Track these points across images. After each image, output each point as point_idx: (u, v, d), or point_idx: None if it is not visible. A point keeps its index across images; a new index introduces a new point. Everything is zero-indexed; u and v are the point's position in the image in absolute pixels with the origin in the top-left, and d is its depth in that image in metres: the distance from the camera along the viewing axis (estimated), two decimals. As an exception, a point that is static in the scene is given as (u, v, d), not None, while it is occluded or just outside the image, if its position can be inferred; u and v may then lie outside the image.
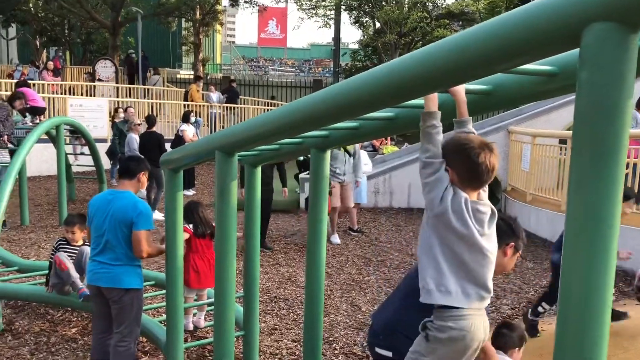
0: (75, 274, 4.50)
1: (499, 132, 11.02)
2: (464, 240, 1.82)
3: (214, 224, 3.70)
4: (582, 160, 1.13)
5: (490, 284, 1.86)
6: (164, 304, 4.20)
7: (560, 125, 11.10)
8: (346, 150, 8.24)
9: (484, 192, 1.94)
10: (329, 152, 2.91)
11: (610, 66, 1.08)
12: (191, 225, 4.68)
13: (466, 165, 1.83)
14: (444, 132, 1.90)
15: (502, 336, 2.81)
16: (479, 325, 1.82)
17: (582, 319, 1.14)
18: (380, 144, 15.51)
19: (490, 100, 1.88)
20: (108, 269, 3.66)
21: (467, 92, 1.87)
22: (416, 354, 1.90)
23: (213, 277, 4.52)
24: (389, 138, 15.68)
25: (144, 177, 3.91)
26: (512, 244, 2.48)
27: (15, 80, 13.22)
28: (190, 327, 4.77)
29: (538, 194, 9.27)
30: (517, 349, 2.80)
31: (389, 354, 2.31)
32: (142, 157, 4.20)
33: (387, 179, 11.06)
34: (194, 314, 4.86)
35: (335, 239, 8.28)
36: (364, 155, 9.00)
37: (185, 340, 4.36)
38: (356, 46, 32.68)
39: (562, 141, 9.26)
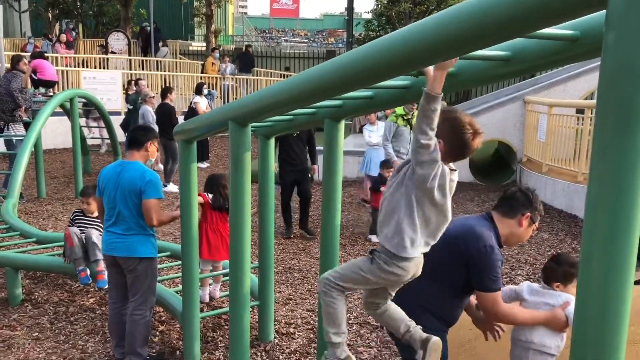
0: (79, 253, 4.55)
1: (515, 102, 10.86)
2: (437, 207, 2.04)
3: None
4: (607, 125, 1.09)
5: (437, 236, 2.12)
6: (180, 274, 4.24)
7: (577, 95, 10.91)
8: (410, 125, 7.36)
9: None
10: (342, 123, 2.88)
11: (639, 28, 1.04)
12: (210, 196, 4.69)
13: (458, 143, 2.01)
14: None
15: (547, 269, 2.77)
16: (418, 265, 2.10)
17: (604, 287, 1.12)
18: (386, 117, 15.40)
19: (510, 66, 1.82)
20: (122, 239, 3.71)
21: (485, 58, 1.82)
22: (357, 268, 2.12)
23: (225, 250, 4.62)
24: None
25: (152, 147, 3.89)
26: (528, 214, 2.54)
27: (28, 53, 13.24)
28: (207, 299, 4.82)
29: (554, 165, 9.17)
30: (559, 283, 2.71)
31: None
32: (150, 126, 4.19)
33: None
34: (210, 285, 4.91)
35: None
36: (380, 127, 8.94)
37: (201, 310, 4.41)
38: (369, 16, 32.15)
39: (579, 111, 9.11)
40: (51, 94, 9.75)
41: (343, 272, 2.15)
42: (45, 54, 12.19)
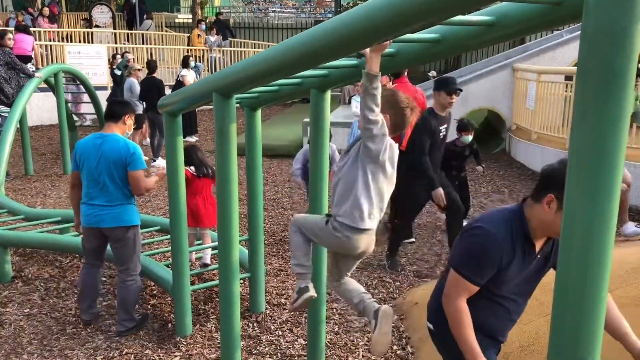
0: None
1: (504, 70, 10.82)
2: (388, 178, 2.21)
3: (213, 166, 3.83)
4: (588, 89, 1.08)
5: (381, 212, 2.26)
6: (169, 248, 4.25)
7: (565, 62, 10.88)
8: None
9: None
10: (329, 93, 2.86)
11: (619, -12, 1.02)
12: (192, 168, 4.72)
13: (399, 119, 2.19)
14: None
15: None
16: (364, 240, 2.25)
17: (585, 249, 1.13)
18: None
19: (494, 31, 1.80)
20: (108, 210, 3.81)
21: (470, 23, 1.80)
22: (314, 222, 2.33)
23: (210, 216, 4.75)
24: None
25: (129, 120, 3.98)
26: (551, 196, 1.98)
27: (11, 28, 12.95)
28: (193, 257, 4.91)
29: (543, 133, 9.19)
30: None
31: (431, 326, 2.38)
32: (127, 100, 4.28)
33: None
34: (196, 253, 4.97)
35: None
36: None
37: (192, 283, 4.43)
38: (358, -15, 31.67)
39: (568, 78, 9.10)
40: (33, 69, 9.57)
41: (306, 220, 2.39)
42: (30, 28, 11.97)
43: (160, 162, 9.29)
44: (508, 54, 12.83)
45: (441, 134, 5.02)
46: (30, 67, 10.15)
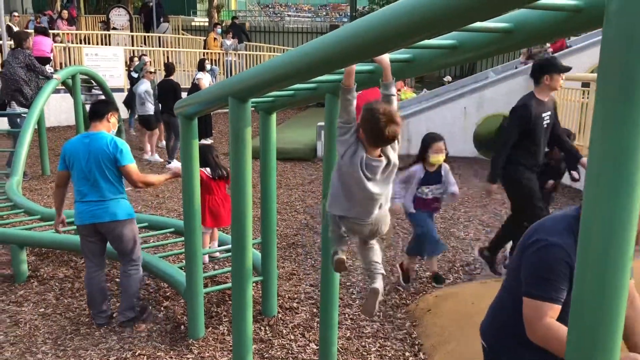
0: None
1: (521, 76, 10.73)
2: (355, 180, 2.34)
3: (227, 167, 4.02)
4: (608, 96, 1.07)
5: (373, 209, 2.41)
6: (183, 250, 4.27)
7: (582, 69, 10.78)
8: None
9: (391, 147, 2.39)
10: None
11: (641, -5, 1.01)
12: (208, 169, 4.79)
13: (373, 131, 2.26)
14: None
15: None
16: (362, 229, 2.45)
17: (604, 256, 1.11)
18: (398, 90, 15.26)
19: (512, 38, 1.79)
20: (101, 205, 3.95)
21: (487, 30, 1.79)
22: (327, 217, 2.57)
23: (226, 215, 4.98)
24: (406, 84, 15.40)
25: (113, 118, 4.14)
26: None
27: (31, 31, 13.13)
28: (206, 260, 5.05)
29: (559, 139, 9.10)
30: None
31: (485, 345, 2.31)
32: (111, 99, 4.46)
33: (404, 125, 10.92)
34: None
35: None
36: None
37: (205, 286, 4.45)
38: (374, -11, 31.69)
39: (585, 84, 9.01)
40: (52, 70, 9.68)
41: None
42: (49, 31, 12.13)
43: (176, 164, 9.35)
44: (525, 60, 12.74)
45: (545, 122, 4.56)
46: (48, 68, 10.26)
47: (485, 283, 4.69)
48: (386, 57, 2.21)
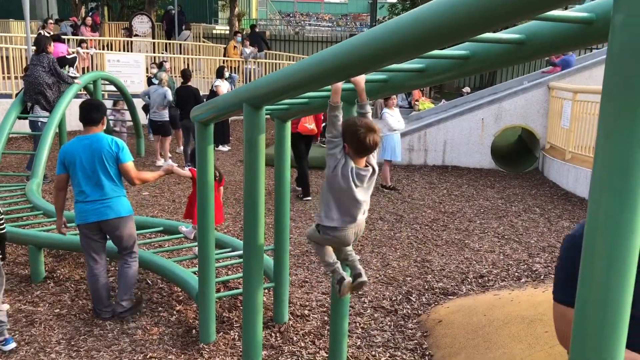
0: None
1: (539, 89, 10.68)
2: (344, 191, 2.58)
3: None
4: (612, 107, 1.08)
5: (358, 215, 2.67)
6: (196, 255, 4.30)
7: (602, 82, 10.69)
8: None
9: (372, 156, 2.64)
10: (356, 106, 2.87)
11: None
12: None
13: (356, 142, 2.50)
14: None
15: None
16: (348, 233, 2.69)
17: (607, 270, 1.11)
18: (416, 101, 15.25)
19: (524, 50, 1.80)
20: (106, 203, 4.17)
21: (499, 41, 1.80)
22: (314, 234, 2.76)
23: (219, 215, 5.14)
24: (424, 94, 15.39)
25: (104, 119, 4.35)
26: None
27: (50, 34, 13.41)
28: (190, 237, 5.30)
29: (577, 152, 9.02)
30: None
31: None
32: (100, 103, 4.60)
33: (422, 135, 10.91)
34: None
35: None
36: (396, 113, 8.91)
37: (218, 291, 4.48)
38: None
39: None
40: (74, 71, 9.85)
41: (309, 232, 2.83)
42: (65, 37, 12.45)
43: (169, 162, 9.48)
44: (544, 73, 12.67)
45: None
46: (72, 71, 10.48)
47: (497, 295, 4.65)
48: (362, 80, 2.46)
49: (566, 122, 9.29)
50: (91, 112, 4.29)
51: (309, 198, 8.22)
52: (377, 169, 2.68)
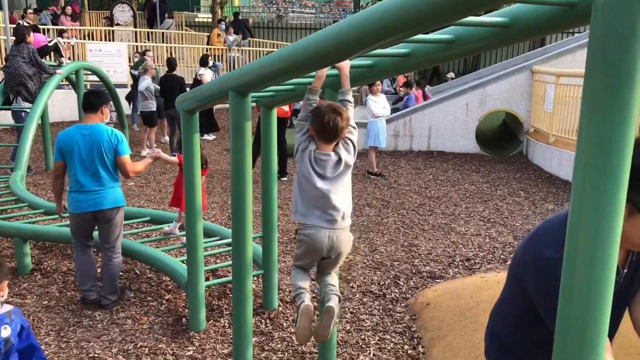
0: None
1: (522, 73, 10.75)
2: (308, 180, 2.46)
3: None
4: (595, 89, 1.09)
5: (329, 212, 2.45)
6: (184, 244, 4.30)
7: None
8: None
9: (343, 147, 2.49)
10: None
11: (627, -10, 1.03)
12: None
13: (318, 125, 2.42)
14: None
15: None
16: (321, 236, 2.45)
17: (591, 254, 1.13)
18: (401, 87, 15.23)
19: (508, 32, 1.81)
20: (102, 193, 4.17)
21: (484, 24, 1.81)
22: (295, 252, 2.61)
23: (204, 202, 5.03)
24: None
25: (106, 110, 4.35)
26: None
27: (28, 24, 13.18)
28: (176, 232, 5.28)
29: (561, 135, 9.12)
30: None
31: None
32: (102, 91, 4.61)
33: (407, 121, 10.94)
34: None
35: None
36: (382, 99, 8.92)
37: (207, 279, 4.48)
38: (377, -15, 31.57)
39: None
40: (68, 63, 9.74)
41: (294, 254, 2.67)
42: (44, 26, 12.30)
43: (151, 151, 9.46)
44: (527, 56, 12.74)
45: None
46: (64, 60, 10.37)
47: (484, 277, 4.72)
48: (347, 66, 2.41)
49: (549, 106, 9.37)
50: (90, 97, 4.29)
51: (285, 178, 8.43)
52: (346, 159, 2.47)
